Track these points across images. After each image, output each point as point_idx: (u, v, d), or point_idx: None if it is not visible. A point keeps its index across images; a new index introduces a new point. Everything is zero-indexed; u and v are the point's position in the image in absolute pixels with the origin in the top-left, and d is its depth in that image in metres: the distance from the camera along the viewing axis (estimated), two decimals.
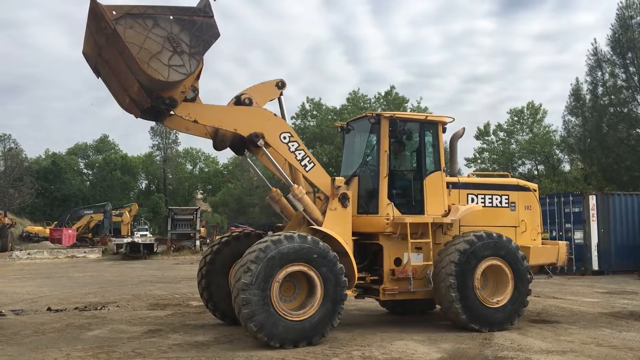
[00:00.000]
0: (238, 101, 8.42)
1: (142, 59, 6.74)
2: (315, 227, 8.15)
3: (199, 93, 7.92)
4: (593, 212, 19.24)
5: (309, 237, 7.65)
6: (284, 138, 8.25)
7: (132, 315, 10.36)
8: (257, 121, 8.17)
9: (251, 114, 8.27)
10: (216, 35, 7.21)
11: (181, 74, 6.99)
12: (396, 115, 8.89)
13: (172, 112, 7.82)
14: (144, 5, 6.90)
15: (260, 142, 8.11)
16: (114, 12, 6.65)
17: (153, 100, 7.35)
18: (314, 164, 8.44)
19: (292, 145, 8.29)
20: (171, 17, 6.89)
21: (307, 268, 7.54)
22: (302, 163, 8.36)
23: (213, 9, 7.25)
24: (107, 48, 7.16)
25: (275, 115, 8.43)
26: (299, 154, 8.33)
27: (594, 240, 19.08)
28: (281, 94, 8.77)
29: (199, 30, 7.05)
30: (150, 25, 6.79)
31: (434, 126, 9.22)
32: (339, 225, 8.28)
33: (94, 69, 7.84)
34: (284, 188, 9.10)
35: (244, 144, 8.55)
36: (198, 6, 7.24)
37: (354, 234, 8.48)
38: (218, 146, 8.46)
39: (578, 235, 19.26)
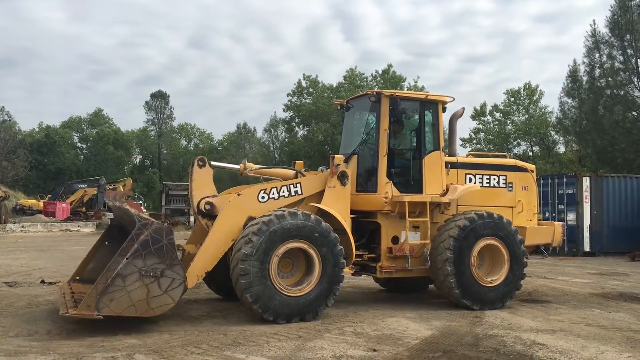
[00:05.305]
0: (201, 212, 7.98)
1: (142, 311, 6.78)
2: (315, 204, 8.17)
3: None
4: (586, 194, 19.36)
5: (312, 216, 7.71)
6: (262, 198, 8.03)
7: None
8: (237, 220, 7.74)
9: (226, 222, 7.75)
10: (170, 231, 7.07)
11: (180, 287, 6.97)
12: (397, 94, 8.79)
13: None
14: (101, 276, 6.67)
15: None
16: (89, 305, 6.52)
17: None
18: (278, 185, 8.23)
19: (272, 193, 8.07)
20: (126, 259, 6.71)
21: (307, 246, 7.59)
22: (281, 193, 8.14)
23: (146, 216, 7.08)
24: None
25: (237, 194, 8.06)
26: (282, 191, 8.15)
27: (587, 221, 19.24)
28: (210, 165, 8.27)
29: (155, 242, 6.86)
30: (121, 284, 6.64)
31: (434, 105, 9.16)
32: (338, 202, 8.30)
33: None
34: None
35: None
36: (138, 228, 6.95)
37: (352, 212, 8.50)
38: None
39: (571, 217, 19.38)
